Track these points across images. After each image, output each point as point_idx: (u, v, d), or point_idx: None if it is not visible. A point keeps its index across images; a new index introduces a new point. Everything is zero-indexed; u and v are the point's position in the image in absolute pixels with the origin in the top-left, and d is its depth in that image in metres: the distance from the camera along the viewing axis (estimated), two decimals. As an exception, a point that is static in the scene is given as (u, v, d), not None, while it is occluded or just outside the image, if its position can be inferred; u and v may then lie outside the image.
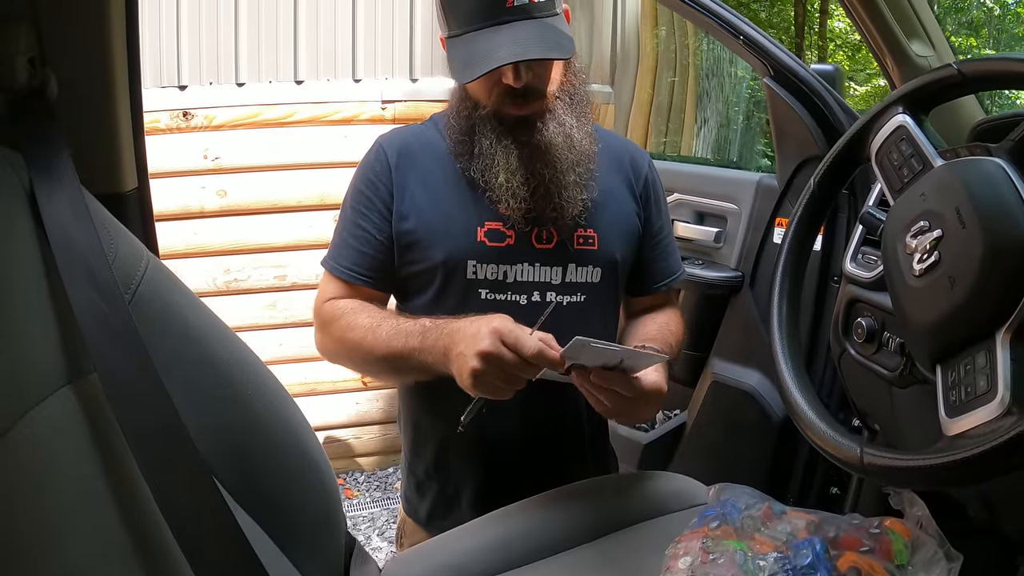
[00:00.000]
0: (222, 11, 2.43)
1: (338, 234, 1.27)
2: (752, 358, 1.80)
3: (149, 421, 0.64)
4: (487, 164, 1.18)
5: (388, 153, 1.24)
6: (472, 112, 1.21)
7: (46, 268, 0.65)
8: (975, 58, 1.03)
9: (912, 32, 1.44)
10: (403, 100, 2.59)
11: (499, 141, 1.18)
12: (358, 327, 1.17)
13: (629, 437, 1.99)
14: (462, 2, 1.14)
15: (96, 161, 0.86)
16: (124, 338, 0.66)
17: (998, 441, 0.71)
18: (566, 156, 1.19)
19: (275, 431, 0.86)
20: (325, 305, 1.24)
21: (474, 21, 1.13)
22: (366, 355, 1.16)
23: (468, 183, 1.22)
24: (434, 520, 1.28)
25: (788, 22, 7.27)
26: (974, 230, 0.80)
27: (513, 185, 1.17)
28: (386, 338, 1.13)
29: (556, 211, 1.19)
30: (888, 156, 0.98)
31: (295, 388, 2.64)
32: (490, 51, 1.10)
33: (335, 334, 1.20)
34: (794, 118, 1.63)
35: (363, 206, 1.23)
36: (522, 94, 1.16)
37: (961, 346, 0.81)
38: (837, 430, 0.91)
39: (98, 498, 0.64)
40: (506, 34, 1.11)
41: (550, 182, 1.18)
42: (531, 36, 1.12)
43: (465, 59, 1.13)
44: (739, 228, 1.82)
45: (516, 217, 1.19)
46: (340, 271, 1.23)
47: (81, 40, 0.80)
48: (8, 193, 0.66)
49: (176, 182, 2.42)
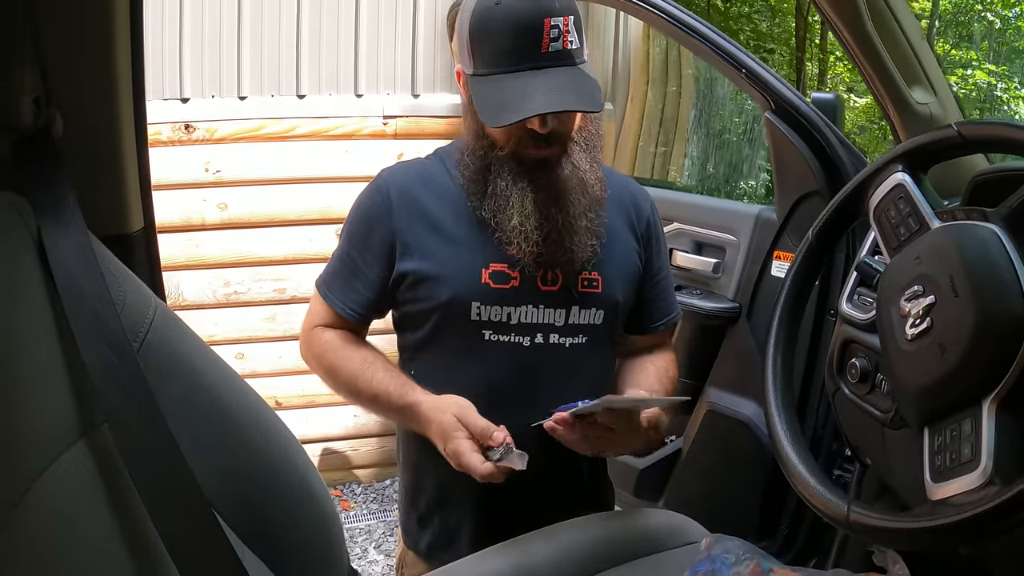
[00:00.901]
0: (225, 24, 2.43)
1: (334, 261, 1.29)
2: (748, 388, 1.81)
3: (159, 472, 0.65)
4: (500, 205, 1.18)
5: (390, 192, 1.24)
6: (488, 152, 1.19)
7: (56, 318, 0.66)
8: (976, 121, 1.05)
9: (913, 78, 1.45)
10: (405, 116, 2.60)
11: (515, 183, 1.17)
12: (342, 371, 1.25)
13: (624, 463, 2.01)
14: (495, 42, 1.12)
15: (102, 202, 0.86)
16: (133, 389, 0.66)
17: (978, 511, 0.73)
18: (580, 200, 1.19)
19: (282, 476, 0.87)
20: (314, 331, 1.28)
21: (506, 63, 1.12)
22: (354, 394, 1.25)
23: (477, 222, 1.21)
24: (435, 552, 1.29)
25: (789, 33, 7.27)
26: (966, 300, 0.81)
27: (527, 228, 1.16)
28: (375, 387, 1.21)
29: (566, 256, 1.19)
30: (886, 213, 1.00)
31: (293, 400, 2.65)
32: (524, 98, 1.09)
33: (322, 365, 1.28)
34: (794, 153, 1.65)
35: (359, 242, 1.25)
36: (545, 138, 1.15)
37: (948, 412, 0.83)
38: (826, 485, 0.93)
39: (113, 554, 0.65)
40: (541, 81, 1.10)
41: (563, 226, 1.18)
42: (565, 85, 1.11)
43: (497, 102, 1.12)
44: (737, 260, 1.84)
45: (526, 261, 1.19)
46: (331, 300, 1.26)
47: (86, 78, 0.80)
48: (16, 240, 0.66)
49: (177, 194, 2.42)
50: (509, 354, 1.21)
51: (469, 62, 1.17)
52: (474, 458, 1.08)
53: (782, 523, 1.78)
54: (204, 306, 2.54)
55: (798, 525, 1.76)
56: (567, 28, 1.11)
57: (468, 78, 1.18)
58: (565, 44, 1.11)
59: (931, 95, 1.46)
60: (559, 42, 1.11)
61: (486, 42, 1.13)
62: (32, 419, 0.62)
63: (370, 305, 1.25)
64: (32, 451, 0.61)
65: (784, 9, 7.31)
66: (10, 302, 0.63)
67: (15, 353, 0.62)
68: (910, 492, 1.06)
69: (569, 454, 1.29)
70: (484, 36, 1.13)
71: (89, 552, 0.63)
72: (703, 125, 3.97)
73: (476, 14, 1.13)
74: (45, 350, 0.65)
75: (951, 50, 7.29)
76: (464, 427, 1.11)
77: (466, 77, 1.19)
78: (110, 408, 0.65)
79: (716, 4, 6.85)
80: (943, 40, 7.29)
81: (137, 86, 0.87)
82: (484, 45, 1.13)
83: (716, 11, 6.77)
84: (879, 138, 6.91)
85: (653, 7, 1.72)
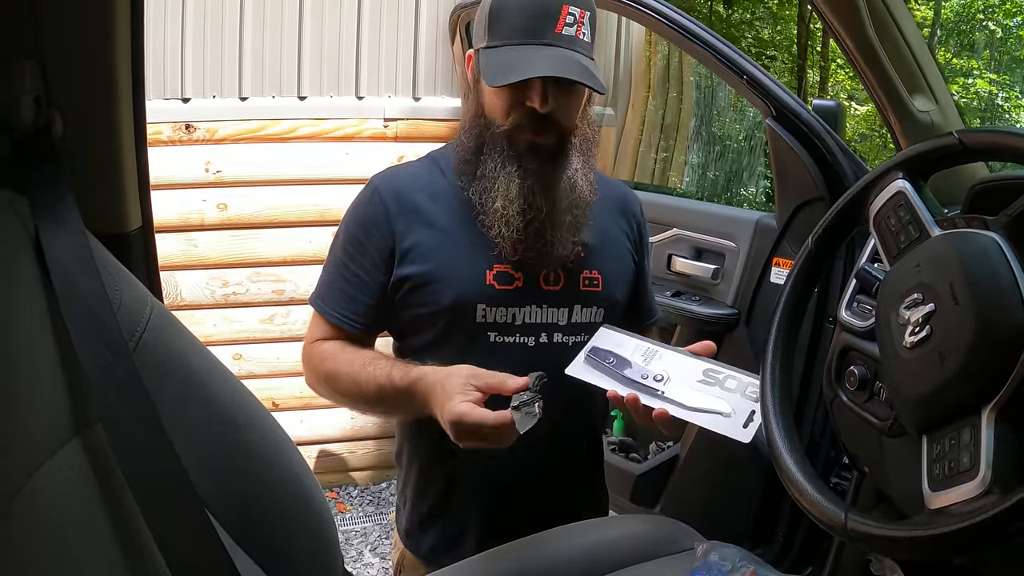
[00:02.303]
0: (227, 25, 2.43)
1: (328, 273, 1.26)
2: (746, 395, 1.81)
3: (153, 471, 0.65)
4: (487, 187, 1.18)
5: (384, 196, 1.23)
6: (484, 130, 1.19)
7: (52, 317, 0.66)
8: (977, 128, 1.05)
9: (915, 87, 1.45)
10: (405, 118, 2.60)
11: (503, 166, 1.17)
12: (342, 374, 1.19)
13: (621, 468, 2.00)
14: (512, 16, 1.15)
15: (100, 200, 0.85)
16: (129, 389, 0.66)
17: (976, 520, 0.73)
18: (567, 195, 1.19)
19: (277, 478, 0.87)
20: (312, 346, 1.25)
21: (518, 36, 1.14)
22: (355, 395, 1.19)
23: (474, 222, 1.20)
24: (435, 556, 1.28)
25: (790, 40, 7.29)
26: (966, 308, 0.81)
27: (509, 213, 1.16)
28: (378, 379, 1.15)
29: (546, 248, 1.19)
30: (886, 220, 0.99)
31: (291, 402, 2.65)
32: (529, 63, 1.11)
33: (322, 374, 1.22)
34: (795, 160, 1.65)
35: (356, 250, 1.22)
36: (541, 120, 1.15)
37: (947, 420, 0.82)
38: (824, 493, 0.92)
39: (105, 552, 0.65)
40: (547, 52, 1.12)
41: (546, 217, 1.17)
42: (571, 61, 1.13)
43: (501, 65, 1.13)
44: (737, 266, 1.84)
45: (507, 248, 1.18)
46: (329, 314, 1.23)
47: (86, 78, 0.80)
48: (13, 238, 0.67)
49: (177, 194, 2.42)
50: (514, 355, 1.20)
51: (484, 36, 1.18)
52: (482, 411, 1.02)
53: (778, 530, 1.78)
54: (202, 306, 2.54)
55: (794, 532, 1.76)
56: (583, 20, 1.15)
57: (479, 53, 1.19)
58: (578, 33, 1.14)
59: (932, 103, 1.46)
60: (573, 28, 1.14)
61: (504, 18, 1.15)
62: (25, 417, 0.61)
63: (370, 314, 1.23)
64: (25, 449, 0.60)
65: (786, 16, 7.33)
66: (6, 300, 0.63)
67: (10, 350, 0.62)
68: (907, 500, 1.06)
69: (568, 456, 1.30)
70: (504, 13, 1.16)
71: (81, 551, 0.63)
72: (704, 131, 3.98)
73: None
74: (40, 348, 0.65)
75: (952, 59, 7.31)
76: (476, 387, 1.05)
77: (477, 54, 1.20)
78: (105, 407, 0.65)
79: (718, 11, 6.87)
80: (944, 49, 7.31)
81: (137, 86, 0.87)
82: (501, 21, 1.16)
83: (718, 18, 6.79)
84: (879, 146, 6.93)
85: (657, 13, 1.73)
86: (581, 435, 1.34)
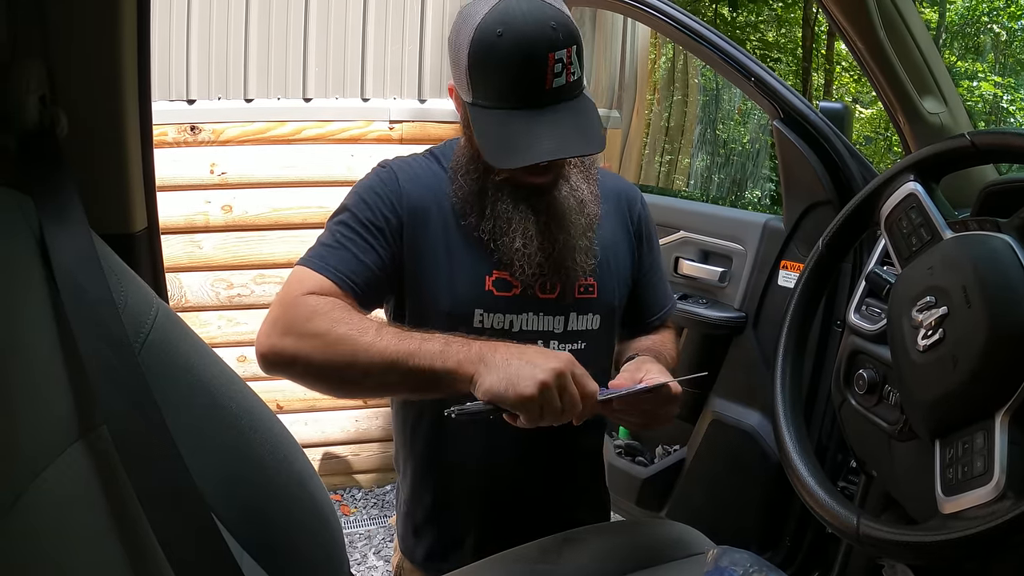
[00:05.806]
0: (232, 26, 2.43)
1: (330, 236, 1.14)
2: (753, 398, 1.80)
3: (158, 474, 0.64)
4: (502, 228, 1.16)
5: (399, 177, 1.18)
6: (483, 176, 1.17)
7: (56, 317, 0.65)
8: (989, 130, 1.04)
9: (924, 88, 1.44)
10: (411, 120, 2.60)
11: (515, 207, 1.15)
12: (351, 321, 1.02)
13: (627, 472, 2.00)
14: (497, 78, 1.08)
15: (106, 201, 0.85)
16: (134, 391, 0.66)
17: (991, 524, 0.72)
18: (578, 220, 1.18)
19: (282, 480, 0.86)
20: (306, 298, 1.05)
21: (508, 102, 1.08)
22: (357, 352, 1.01)
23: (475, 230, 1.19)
24: (432, 562, 1.27)
25: (796, 43, 7.28)
26: (980, 311, 0.80)
27: (530, 251, 1.15)
28: (391, 337, 1.01)
29: (566, 274, 1.19)
30: (897, 223, 0.99)
31: (295, 404, 2.64)
32: (530, 141, 1.06)
33: (317, 327, 1.03)
34: (802, 162, 1.64)
35: (368, 214, 1.14)
36: (544, 168, 1.13)
37: (960, 425, 0.82)
38: (835, 497, 0.92)
39: (109, 555, 0.64)
40: (546, 121, 1.07)
41: (563, 247, 1.17)
42: (570, 126, 1.08)
43: (502, 142, 1.09)
44: (744, 269, 1.83)
45: (527, 278, 1.17)
46: (330, 272, 1.09)
47: (92, 77, 0.80)
48: (19, 240, 0.66)
49: (181, 195, 2.42)
50: None
51: (467, 90, 1.12)
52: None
53: (786, 534, 1.77)
54: (206, 308, 2.53)
55: (802, 536, 1.75)
56: (569, 60, 1.08)
57: (467, 105, 1.14)
58: (568, 78, 1.08)
59: (942, 105, 1.45)
60: (562, 77, 1.07)
61: (487, 76, 1.08)
62: (30, 418, 0.61)
63: (372, 282, 1.12)
64: (30, 451, 0.60)
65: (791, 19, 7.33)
66: (11, 301, 0.62)
67: (15, 352, 0.61)
68: (918, 505, 1.05)
69: (565, 463, 1.28)
70: (485, 69, 1.08)
71: (86, 553, 0.63)
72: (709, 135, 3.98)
73: (476, 43, 1.08)
74: (45, 349, 0.64)
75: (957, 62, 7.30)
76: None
77: (464, 103, 1.15)
78: (109, 408, 0.64)
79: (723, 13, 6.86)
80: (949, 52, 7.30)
81: (143, 87, 0.86)
82: (485, 78, 1.09)
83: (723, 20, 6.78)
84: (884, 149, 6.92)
85: (663, 15, 1.72)
86: (579, 441, 1.31)
